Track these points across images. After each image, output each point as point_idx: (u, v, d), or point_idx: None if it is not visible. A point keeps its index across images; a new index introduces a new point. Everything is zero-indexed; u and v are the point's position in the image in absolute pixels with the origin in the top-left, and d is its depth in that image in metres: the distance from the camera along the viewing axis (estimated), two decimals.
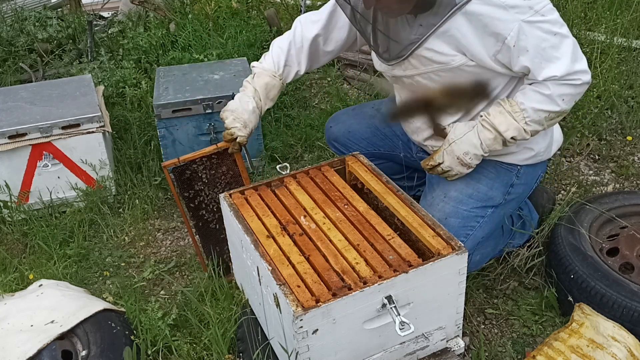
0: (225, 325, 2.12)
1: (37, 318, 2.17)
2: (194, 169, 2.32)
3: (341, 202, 2.01)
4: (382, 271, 1.71)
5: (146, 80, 3.93)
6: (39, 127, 2.87)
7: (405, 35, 2.02)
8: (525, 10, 1.87)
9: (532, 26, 1.88)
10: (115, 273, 2.69)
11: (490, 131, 2.04)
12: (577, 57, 1.94)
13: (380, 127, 2.51)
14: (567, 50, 1.92)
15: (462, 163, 2.09)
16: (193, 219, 2.41)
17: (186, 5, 4.77)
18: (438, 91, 2.10)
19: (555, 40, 1.91)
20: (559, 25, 1.93)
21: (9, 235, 2.91)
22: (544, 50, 1.91)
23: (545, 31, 1.90)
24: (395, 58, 2.09)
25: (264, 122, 3.52)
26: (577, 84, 1.95)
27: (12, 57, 4.47)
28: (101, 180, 3.03)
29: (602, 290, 2.07)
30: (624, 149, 3.25)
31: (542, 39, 1.90)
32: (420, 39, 1.97)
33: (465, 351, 2.08)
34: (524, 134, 2.02)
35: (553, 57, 1.92)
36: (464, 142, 2.07)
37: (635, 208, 2.43)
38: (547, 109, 1.97)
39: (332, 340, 1.67)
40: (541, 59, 1.92)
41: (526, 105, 1.98)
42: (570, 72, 1.92)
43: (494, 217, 2.20)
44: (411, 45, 2.00)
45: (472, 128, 2.08)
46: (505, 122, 2.01)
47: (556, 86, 1.94)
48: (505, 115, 2.01)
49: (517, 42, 1.89)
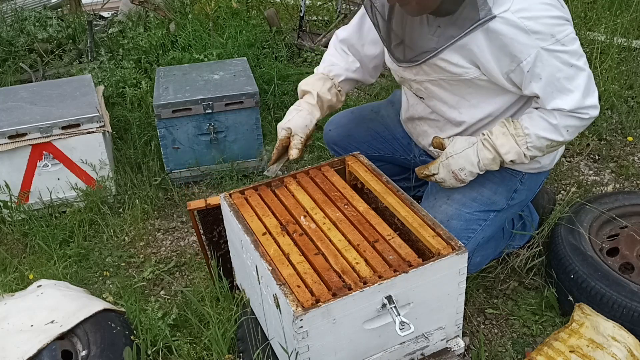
0: (225, 325, 2.12)
1: (37, 318, 2.17)
2: (219, 212, 2.20)
3: (341, 202, 2.01)
4: (382, 271, 1.71)
5: (146, 80, 3.93)
6: (39, 127, 2.87)
7: (421, 41, 2.00)
8: (547, 38, 1.84)
9: (550, 55, 1.85)
10: (115, 273, 2.69)
11: (490, 151, 2.02)
12: (589, 91, 1.92)
13: (380, 131, 2.51)
14: (581, 83, 1.90)
15: (457, 178, 2.09)
16: (213, 253, 2.33)
17: (186, 5, 4.77)
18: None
19: (570, 72, 1.89)
20: (577, 56, 1.90)
21: (9, 235, 2.91)
22: (557, 81, 1.89)
23: (562, 61, 1.87)
24: (407, 62, 2.06)
25: (264, 122, 3.52)
26: (585, 117, 1.94)
27: (12, 57, 4.47)
28: (101, 180, 3.03)
29: (602, 290, 2.07)
30: (624, 149, 3.25)
31: (558, 69, 1.87)
32: (437, 49, 1.93)
33: (465, 351, 2.08)
34: (523, 159, 2.00)
35: (565, 89, 1.90)
36: (461, 158, 2.06)
37: (635, 208, 2.43)
38: (551, 138, 1.96)
39: (332, 340, 1.67)
40: (553, 88, 1.90)
41: (531, 130, 1.96)
42: (580, 107, 1.91)
43: (495, 220, 2.20)
44: (426, 54, 1.97)
45: (471, 145, 2.06)
46: (507, 144, 1.99)
47: (563, 117, 1.93)
48: (509, 137, 1.99)
49: (532, 68, 1.87)
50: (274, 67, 3.95)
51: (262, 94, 3.65)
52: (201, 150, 3.18)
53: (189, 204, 2.19)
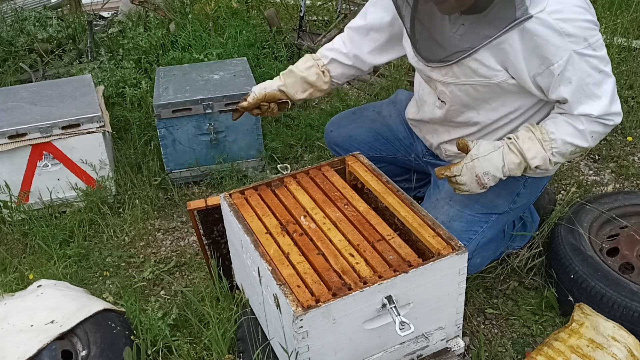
0: (225, 325, 2.12)
1: (37, 318, 2.17)
2: (219, 213, 2.21)
3: (341, 202, 2.01)
4: (382, 271, 1.71)
5: (146, 80, 3.93)
6: (39, 127, 2.87)
7: (453, 40, 1.96)
8: (580, 41, 1.82)
9: (582, 59, 1.84)
10: (115, 273, 2.69)
11: (516, 155, 1.96)
12: (615, 98, 1.92)
13: (381, 132, 2.51)
14: (608, 89, 1.90)
15: (479, 182, 1.99)
16: (213, 253, 2.33)
17: (186, 5, 4.77)
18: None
19: (599, 78, 1.88)
20: (605, 62, 1.89)
21: (9, 235, 2.91)
22: (587, 86, 1.87)
23: (592, 66, 1.86)
24: (438, 62, 2.01)
25: (264, 122, 3.52)
26: (609, 124, 1.93)
27: (12, 57, 4.48)
28: (101, 180, 3.03)
29: (602, 290, 2.07)
30: (624, 149, 3.25)
31: (588, 74, 1.86)
32: (471, 48, 1.89)
33: (465, 351, 2.08)
34: (548, 165, 1.96)
35: (594, 95, 1.89)
36: (487, 161, 1.97)
37: (635, 208, 2.43)
38: (576, 143, 1.93)
39: (332, 340, 1.67)
40: (582, 93, 1.88)
41: (557, 135, 1.93)
42: (606, 113, 1.90)
43: (497, 223, 2.19)
44: (460, 53, 1.93)
45: (497, 148, 1.98)
46: (534, 148, 1.94)
47: (590, 123, 1.91)
48: (535, 141, 1.94)
49: (563, 71, 1.85)
50: (274, 67, 3.95)
51: None
52: (201, 150, 3.18)
53: (189, 204, 2.19)
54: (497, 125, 2.11)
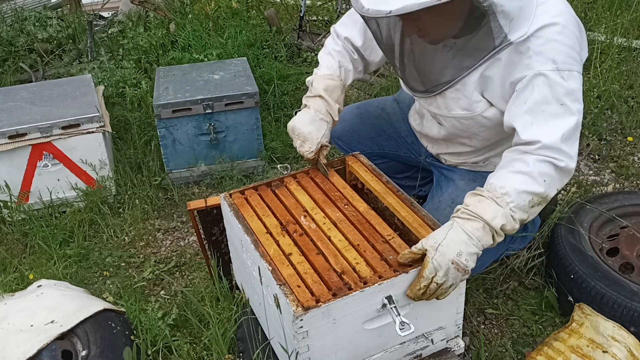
0: (225, 325, 2.12)
1: (37, 318, 2.17)
2: (219, 213, 2.20)
3: (341, 202, 2.01)
4: (382, 271, 1.71)
5: (146, 80, 3.93)
6: (39, 127, 2.87)
7: (436, 68, 1.94)
8: (547, 62, 1.74)
9: (544, 81, 1.74)
10: (115, 273, 2.69)
11: (476, 220, 1.69)
12: (570, 139, 1.75)
13: (385, 128, 2.50)
14: (565, 126, 1.73)
15: (459, 268, 1.66)
16: (213, 253, 2.33)
17: (186, 5, 4.77)
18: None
19: (558, 110, 1.74)
20: (571, 98, 1.75)
21: (9, 235, 2.91)
22: (541, 112, 1.74)
23: (554, 95, 1.73)
24: (422, 92, 2.02)
25: (264, 122, 3.52)
26: (559, 165, 1.72)
27: (12, 57, 4.48)
28: (101, 180, 3.03)
29: (602, 290, 2.07)
30: (624, 149, 3.25)
31: (546, 101, 1.74)
32: (451, 80, 1.89)
33: (465, 351, 2.08)
34: (513, 223, 1.71)
35: (546, 123, 1.74)
36: (451, 243, 1.67)
37: (635, 208, 2.43)
38: (530, 190, 1.71)
39: (332, 340, 1.67)
40: (534, 118, 1.74)
41: (507, 188, 1.71)
42: (556, 147, 1.72)
43: None
44: (441, 86, 1.92)
45: (450, 227, 1.71)
46: (489, 209, 1.70)
47: (537, 162, 1.73)
48: (487, 201, 1.71)
49: (522, 90, 1.76)
50: (274, 67, 3.95)
51: (262, 94, 3.65)
52: (201, 150, 3.18)
53: (188, 204, 2.19)
54: (493, 146, 2.13)
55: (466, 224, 1.69)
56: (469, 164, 2.26)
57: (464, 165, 2.28)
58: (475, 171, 2.27)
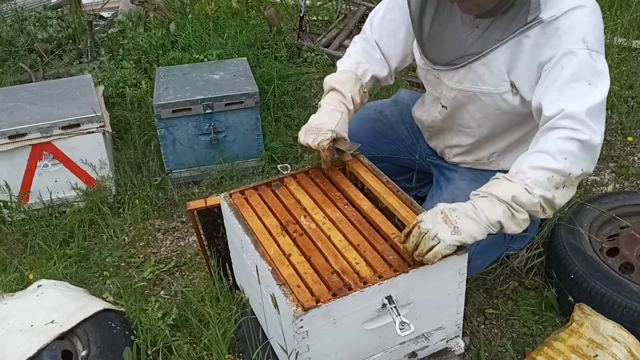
0: (225, 325, 2.12)
1: (37, 318, 2.17)
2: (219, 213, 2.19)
3: (341, 202, 2.01)
4: (382, 271, 1.71)
5: (146, 80, 3.93)
6: (39, 127, 2.87)
7: (460, 43, 1.93)
8: (576, 41, 1.73)
9: (573, 59, 1.72)
10: (115, 273, 2.69)
11: (485, 196, 1.68)
12: (596, 115, 1.70)
13: (383, 131, 2.50)
14: (593, 102, 1.70)
15: (446, 220, 1.64)
16: (213, 253, 2.33)
17: (186, 5, 4.77)
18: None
19: (586, 89, 1.71)
20: (600, 79, 1.72)
21: (9, 235, 2.91)
22: (570, 90, 1.71)
23: (582, 74, 1.72)
24: (445, 65, 1.98)
25: (264, 122, 3.52)
26: (583, 139, 1.67)
27: (12, 57, 4.48)
28: (101, 180, 3.03)
29: (602, 290, 2.07)
30: (624, 149, 3.25)
31: (574, 79, 1.72)
32: (479, 52, 1.87)
33: (465, 351, 2.08)
34: (529, 196, 1.66)
35: (572, 97, 1.70)
36: (455, 205, 1.69)
37: (635, 208, 2.43)
38: (547, 166, 1.67)
39: (332, 340, 1.67)
40: (562, 95, 1.72)
41: (522, 167, 1.70)
42: (580, 118, 1.67)
43: None
44: (468, 57, 1.90)
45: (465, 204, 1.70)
46: (500, 187, 1.68)
47: (557, 140, 1.69)
48: (501, 181, 1.70)
49: (552, 68, 1.75)
50: (274, 67, 3.95)
51: (262, 94, 3.65)
52: (201, 150, 3.18)
53: (188, 204, 2.19)
54: (496, 139, 2.12)
55: (474, 198, 1.70)
56: (471, 161, 2.25)
57: (465, 163, 2.27)
58: (476, 170, 2.26)
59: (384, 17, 2.19)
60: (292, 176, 2.15)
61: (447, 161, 2.35)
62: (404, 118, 2.48)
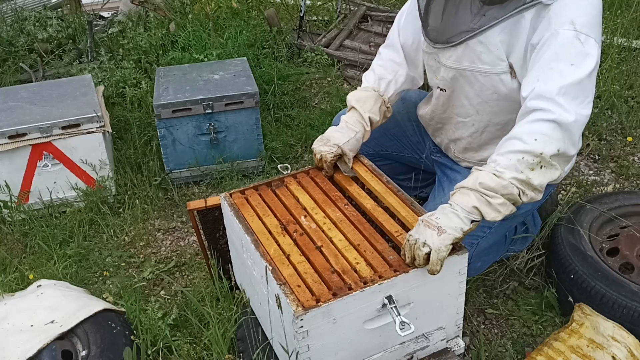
0: (225, 325, 2.12)
1: (37, 318, 2.17)
2: (219, 213, 2.20)
3: (341, 202, 2.01)
4: (383, 271, 1.71)
5: (146, 80, 3.93)
6: (39, 127, 2.87)
7: (462, 23, 1.94)
8: (564, 23, 1.72)
9: (559, 40, 1.71)
10: (115, 273, 2.69)
11: (458, 191, 1.76)
12: (570, 94, 1.68)
13: (389, 127, 2.48)
14: (566, 80, 1.68)
15: (429, 225, 1.69)
16: (213, 253, 2.33)
17: (186, 5, 4.77)
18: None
19: (566, 70, 1.69)
20: (585, 62, 1.70)
21: (9, 235, 2.91)
22: (549, 70, 1.71)
23: (565, 54, 1.70)
24: (443, 42, 1.99)
25: (264, 122, 3.52)
26: (550, 118, 1.66)
27: (12, 57, 4.48)
28: (101, 180, 3.03)
29: (602, 290, 2.07)
30: (624, 149, 3.25)
31: (556, 59, 1.71)
32: (477, 29, 1.88)
33: (465, 351, 2.08)
34: (498, 180, 1.68)
35: (551, 79, 1.69)
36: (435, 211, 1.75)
37: (635, 208, 2.43)
38: (515, 149, 1.69)
39: (333, 340, 1.67)
40: (540, 74, 1.72)
41: (494, 156, 1.75)
42: (549, 97, 1.67)
43: (499, 228, 2.18)
44: (465, 33, 1.91)
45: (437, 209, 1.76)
46: (471, 178, 1.74)
47: (526, 124, 1.70)
48: (472, 172, 1.76)
49: (539, 49, 1.75)
50: (274, 67, 3.95)
51: (262, 94, 3.65)
52: (201, 150, 3.18)
53: (188, 204, 2.19)
54: (495, 127, 2.10)
55: (450, 198, 1.76)
56: (475, 161, 2.25)
57: (470, 162, 2.26)
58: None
59: (407, 17, 2.22)
60: (292, 176, 2.15)
61: (453, 157, 2.34)
62: (410, 116, 2.48)
